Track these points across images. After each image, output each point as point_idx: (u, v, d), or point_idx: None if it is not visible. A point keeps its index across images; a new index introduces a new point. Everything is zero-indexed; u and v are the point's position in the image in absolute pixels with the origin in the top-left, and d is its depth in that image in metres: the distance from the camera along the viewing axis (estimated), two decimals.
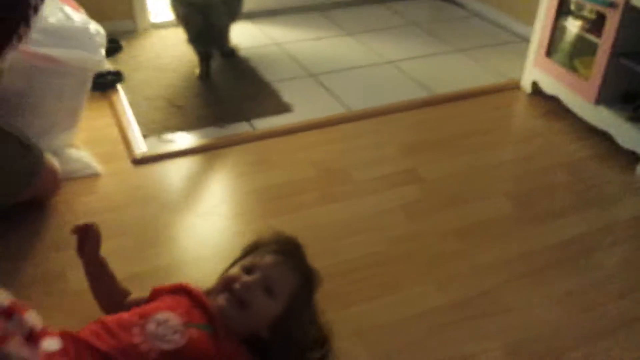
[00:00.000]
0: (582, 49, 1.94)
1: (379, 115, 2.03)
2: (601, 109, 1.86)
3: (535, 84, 2.14)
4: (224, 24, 2.23)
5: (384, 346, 1.21)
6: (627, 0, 1.72)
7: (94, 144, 1.80)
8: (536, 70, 2.11)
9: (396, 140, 1.90)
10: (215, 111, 2.02)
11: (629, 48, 1.79)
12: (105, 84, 2.06)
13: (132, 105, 2.01)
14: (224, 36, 2.27)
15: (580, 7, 1.91)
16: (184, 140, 1.86)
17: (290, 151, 1.83)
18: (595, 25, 1.86)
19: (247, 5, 2.38)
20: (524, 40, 2.50)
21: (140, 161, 1.74)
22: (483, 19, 2.87)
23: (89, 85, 1.70)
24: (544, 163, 1.82)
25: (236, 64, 2.35)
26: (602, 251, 1.49)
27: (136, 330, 1.02)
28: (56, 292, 1.30)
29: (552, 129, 1.98)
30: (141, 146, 1.81)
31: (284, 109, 2.05)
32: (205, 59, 2.19)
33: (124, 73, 2.16)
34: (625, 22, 1.75)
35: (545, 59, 2.05)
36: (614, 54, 1.80)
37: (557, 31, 2.01)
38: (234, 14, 2.29)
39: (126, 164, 1.74)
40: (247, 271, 1.11)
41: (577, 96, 1.94)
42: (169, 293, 1.11)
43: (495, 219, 1.54)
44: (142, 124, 1.91)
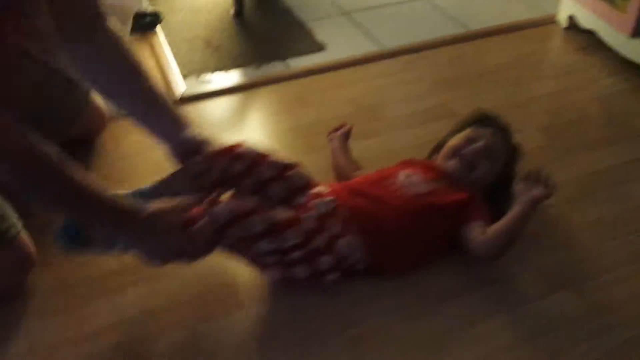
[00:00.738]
0: None
1: (413, 52, 2.04)
2: (637, 42, 1.84)
3: (571, 18, 2.11)
4: None
5: None
6: None
7: None
8: (573, 4, 2.08)
9: (430, 77, 1.92)
10: (251, 51, 2.06)
11: None
12: (145, 25, 2.10)
13: (171, 46, 2.06)
14: None
15: None
16: (221, 80, 1.91)
17: (324, 89, 1.87)
18: None
19: None
20: None
21: (181, 100, 1.81)
22: None
23: (130, 24, 1.75)
24: (577, 97, 1.83)
25: (270, 3, 2.37)
26: (632, 183, 1.51)
27: (388, 182, 1.29)
28: None
29: (587, 63, 1.97)
30: (181, 86, 1.87)
31: (318, 47, 2.08)
32: None
33: (162, 14, 2.20)
34: None
35: None
36: None
37: None
38: None
39: None
40: (470, 141, 1.36)
41: (613, 29, 1.92)
42: (396, 166, 1.37)
43: (528, 151, 1.56)
44: (181, 65, 1.97)
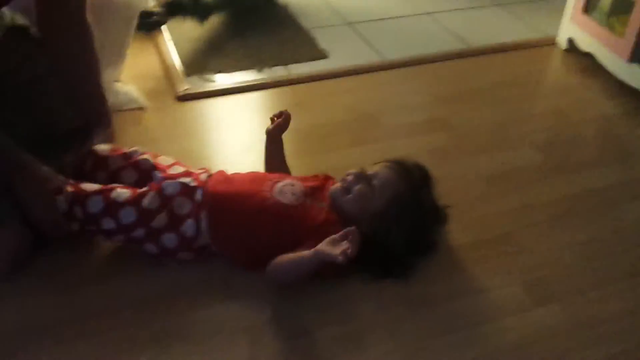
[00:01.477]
0: (619, 7, 1.94)
1: (413, 65, 2.07)
2: (634, 66, 1.88)
3: (571, 41, 2.15)
4: None
5: None
6: None
7: (139, 80, 1.88)
8: (572, 27, 2.12)
9: (429, 90, 1.95)
10: (254, 55, 2.08)
11: None
12: (151, 24, 2.13)
13: (176, 45, 2.09)
14: None
15: None
16: (224, 80, 1.94)
17: (324, 95, 1.90)
18: None
19: None
20: None
21: (184, 97, 1.83)
22: None
23: (135, 22, 1.77)
24: (574, 118, 1.85)
25: (275, 9, 2.39)
26: (622, 203, 1.53)
27: (268, 183, 1.28)
28: None
29: (585, 85, 2.01)
30: (184, 84, 1.89)
31: (320, 55, 2.11)
32: None
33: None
34: None
35: (582, 15, 2.06)
36: None
37: None
38: None
39: (170, 100, 1.82)
40: (363, 172, 1.30)
41: (612, 53, 1.95)
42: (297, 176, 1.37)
43: (522, 168, 1.59)
44: (185, 64, 1.99)
